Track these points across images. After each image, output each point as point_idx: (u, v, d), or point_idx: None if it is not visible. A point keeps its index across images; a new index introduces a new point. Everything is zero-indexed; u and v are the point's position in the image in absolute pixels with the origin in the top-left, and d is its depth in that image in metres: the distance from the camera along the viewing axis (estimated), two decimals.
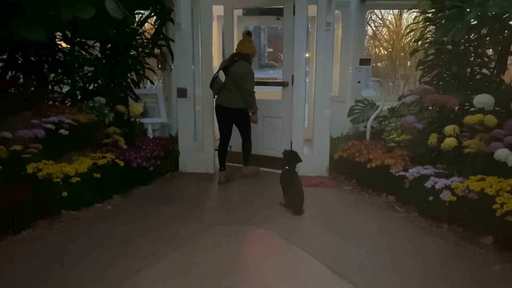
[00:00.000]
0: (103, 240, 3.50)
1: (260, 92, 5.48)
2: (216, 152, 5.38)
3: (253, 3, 5.75)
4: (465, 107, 4.64)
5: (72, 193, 3.94)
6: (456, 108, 4.61)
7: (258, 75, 6.69)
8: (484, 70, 4.94)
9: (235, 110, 5.05)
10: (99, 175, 4.21)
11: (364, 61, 5.60)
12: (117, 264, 3.07)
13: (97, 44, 5.61)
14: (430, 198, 3.82)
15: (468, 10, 4.25)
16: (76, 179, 3.96)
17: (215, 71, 5.35)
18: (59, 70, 5.47)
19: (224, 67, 5.10)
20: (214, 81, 5.09)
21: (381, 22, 10.13)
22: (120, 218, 4.00)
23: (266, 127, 5.89)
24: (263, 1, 5.56)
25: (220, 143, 5.28)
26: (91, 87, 5.66)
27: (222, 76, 5.17)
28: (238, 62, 4.98)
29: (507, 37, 4.64)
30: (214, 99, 5.27)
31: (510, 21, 4.49)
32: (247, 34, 5.52)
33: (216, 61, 7.02)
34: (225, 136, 5.26)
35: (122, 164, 4.53)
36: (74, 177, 3.95)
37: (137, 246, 3.39)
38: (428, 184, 3.88)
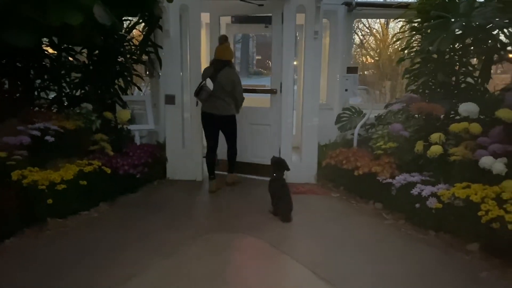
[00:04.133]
0: (90, 248, 3.45)
1: (249, 100, 5.47)
2: (205, 159, 5.36)
3: (240, 11, 5.77)
4: (451, 115, 4.71)
5: (58, 201, 3.88)
6: (442, 116, 4.67)
7: (247, 82, 6.70)
8: (469, 79, 5.02)
9: (226, 117, 5.08)
10: (85, 183, 4.16)
11: (351, 69, 5.67)
12: (104, 273, 3.03)
13: (85, 50, 5.58)
14: (417, 205, 3.86)
15: (453, 20, 4.33)
16: (62, 186, 3.91)
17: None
18: (46, 76, 5.42)
19: (211, 75, 5.07)
20: (202, 89, 4.99)
21: (368, 31, 10.26)
22: (107, 226, 3.96)
23: (255, 134, 5.88)
24: (251, 10, 5.59)
25: (209, 151, 5.23)
26: (78, 94, 5.61)
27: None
28: (224, 70, 4.98)
29: (491, 47, 4.73)
30: (201, 107, 5.19)
31: (493, 31, 4.57)
32: (225, 39, 5.24)
33: None
34: (213, 143, 5.22)
35: (109, 171, 4.49)
36: (59, 185, 3.90)
37: (125, 254, 3.35)
38: (415, 191, 3.92)
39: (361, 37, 10.59)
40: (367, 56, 10.20)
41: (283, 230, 3.97)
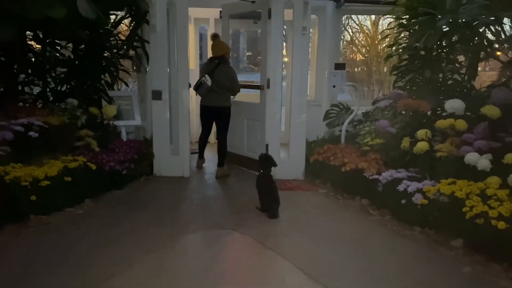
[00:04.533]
0: (74, 245, 3.40)
1: (240, 95, 5.63)
2: (192, 155, 5.63)
3: (245, 9, 5.84)
4: (437, 112, 4.73)
5: (42, 197, 3.82)
6: (429, 112, 4.69)
7: (238, 78, 6.68)
8: (456, 76, 5.05)
9: (220, 107, 5.51)
10: (70, 179, 4.09)
11: (339, 66, 5.66)
12: (88, 271, 2.99)
13: (70, 44, 5.49)
14: (403, 201, 3.87)
15: (440, 17, 4.34)
16: (46, 182, 3.85)
17: (191, 73, 5.51)
18: (30, 71, 5.33)
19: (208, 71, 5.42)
20: (201, 85, 5.38)
21: (358, 28, 10.26)
22: (92, 223, 3.91)
23: (246, 128, 5.94)
24: (254, 7, 5.60)
25: (202, 135, 5.86)
26: (63, 89, 5.53)
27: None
28: (220, 66, 5.41)
29: (477, 44, 4.76)
30: (200, 100, 5.71)
31: (480, 29, 4.60)
32: (216, 36, 5.69)
33: (193, 64, 6.97)
34: (207, 130, 5.83)
35: (94, 167, 4.43)
36: (43, 181, 3.84)
37: (110, 251, 3.31)
38: (401, 187, 3.94)
39: (351, 34, 10.59)
40: (357, 53, 10.22)
41: (270, 226, 3.95)
